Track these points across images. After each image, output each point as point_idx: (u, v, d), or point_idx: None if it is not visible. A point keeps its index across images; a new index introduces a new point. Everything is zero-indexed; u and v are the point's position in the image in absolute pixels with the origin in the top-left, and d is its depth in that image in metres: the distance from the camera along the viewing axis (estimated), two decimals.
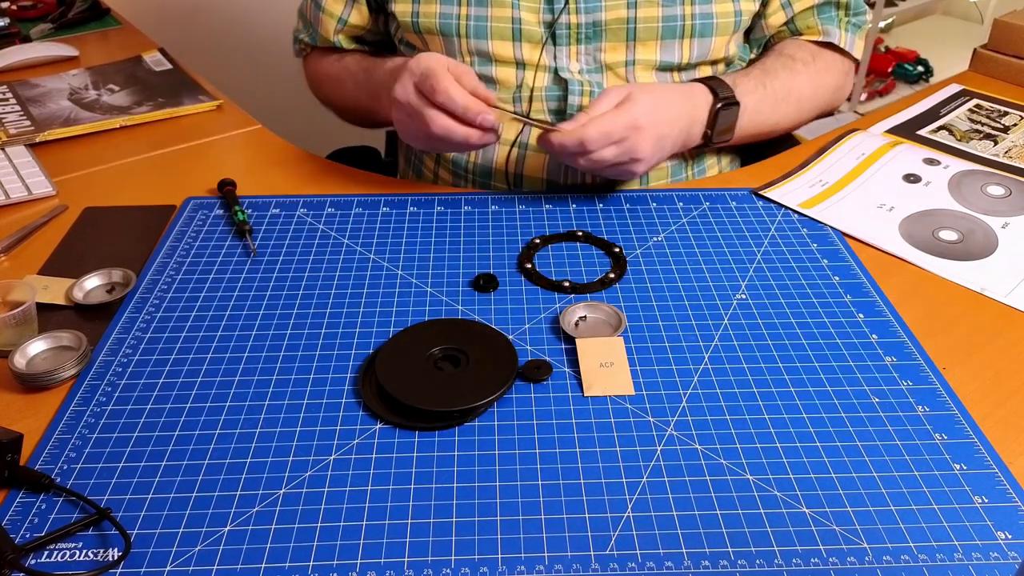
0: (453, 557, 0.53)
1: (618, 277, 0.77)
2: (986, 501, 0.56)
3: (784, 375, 0.66)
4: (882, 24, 3.18)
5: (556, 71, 0.93)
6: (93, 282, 0.77)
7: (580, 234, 0.83)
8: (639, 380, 0.66)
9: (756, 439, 0.61)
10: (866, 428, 0.62)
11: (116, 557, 0.53)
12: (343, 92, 1.04)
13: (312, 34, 1.06)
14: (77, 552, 0.53)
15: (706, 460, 0.59)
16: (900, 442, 0.60)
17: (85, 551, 0.53)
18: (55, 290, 0.76)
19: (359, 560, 0.52)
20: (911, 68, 3.10)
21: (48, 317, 0.73)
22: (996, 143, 0.99)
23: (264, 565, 0.52)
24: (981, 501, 0.56)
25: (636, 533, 0.54)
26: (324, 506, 0.56)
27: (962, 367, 0.68)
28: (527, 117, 0.89)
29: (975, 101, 1.09)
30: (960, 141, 1.00)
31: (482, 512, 0.55)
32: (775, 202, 0.89)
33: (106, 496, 0.57)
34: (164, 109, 1.09)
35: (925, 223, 0.84)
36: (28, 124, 1.05)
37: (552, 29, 0.91)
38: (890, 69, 3.10)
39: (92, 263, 0.79)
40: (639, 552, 0.53)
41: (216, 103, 1.11)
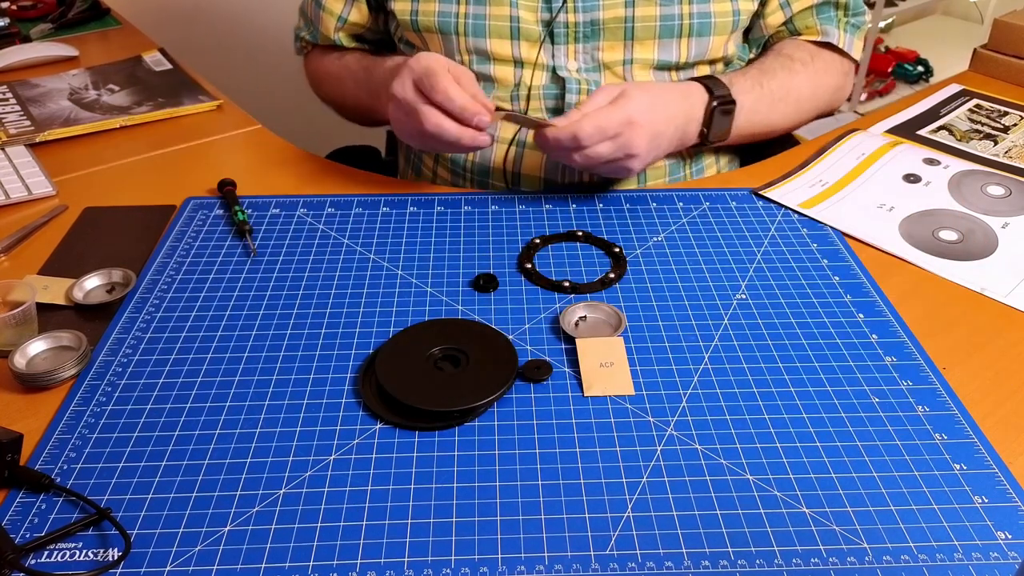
0: (453, 557, 0.53)
1: (618, 277, 0.77)
2: (986, 501, 0.56)
3: (784, 375, 0.66)
4: (882, 24, 3.18)
5: (554, 70, 0.93)
6: (93, 282, 0.77)
7: (580, 234, 0.83)
8: (639, 380, 0.66)
9: (756, 439, 0.61)
10: (866, 428, 0.62)
11: (116, 557, 0.53)
12: (343, 90, 1.04)
13: (313, 32, 1.06)
14: (77, 552, 0.53)
15: (706, 460, 0.59)
16: (900, 442, 0.60)
17: (85, 551, 0.53)
18: (55, 290, 0.76)
19: (359, 560, 0.52)
20: (911, 68, 3.10)
21: (48, 317, 0.73)
22: (996, 143, 0.99)
23: (264, 565, 0.52)
24: (981, 501, 0.56)
25: (636, 533, 0.54)
26: (324, 506, 0.56)
27: (962, 367, 0.68)
28: (522, 116, 0.88)
29: (975, 101, 1.09)
30: (960, 141, 1.00)
31: (482, 512, 0.55)
32: (775, 202, 0.89)
33: (106, 496, 0.57)
34: (164, 109, 1.09)
35: (925, 223, 0.84)
36: (28, 124, 1.05)
37: (550, 28, 0.91)
38: (890, 69, 3.10)
39: (92, 263, 0.79)
40: (639, 552, 0.53)
41: (216, 103, 1.11)
